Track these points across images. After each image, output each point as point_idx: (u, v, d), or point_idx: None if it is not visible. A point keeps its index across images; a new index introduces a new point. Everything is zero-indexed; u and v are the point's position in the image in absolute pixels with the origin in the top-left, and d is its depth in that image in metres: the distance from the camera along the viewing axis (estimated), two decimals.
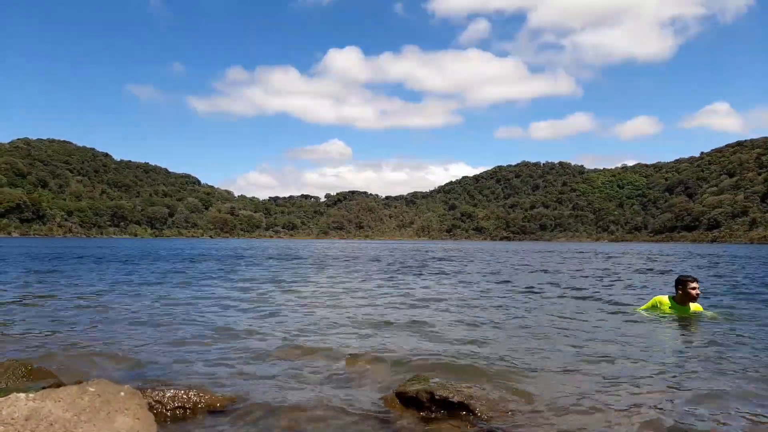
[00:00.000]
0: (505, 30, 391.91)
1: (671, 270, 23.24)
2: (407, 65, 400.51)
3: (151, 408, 4.03)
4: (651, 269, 24.19)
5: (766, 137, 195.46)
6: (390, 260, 32.09)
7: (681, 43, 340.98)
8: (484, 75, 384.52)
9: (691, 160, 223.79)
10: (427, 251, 54.12)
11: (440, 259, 33.90)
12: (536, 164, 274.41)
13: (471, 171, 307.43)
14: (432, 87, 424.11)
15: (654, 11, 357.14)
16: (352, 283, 16.25)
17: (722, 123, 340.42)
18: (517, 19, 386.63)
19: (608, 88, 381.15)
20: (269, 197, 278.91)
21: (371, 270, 22.90)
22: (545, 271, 22.55)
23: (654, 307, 9.39)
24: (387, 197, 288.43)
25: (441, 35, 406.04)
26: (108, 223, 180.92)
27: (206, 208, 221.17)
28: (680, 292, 9.04)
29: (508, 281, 17.37)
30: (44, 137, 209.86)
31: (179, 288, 14.16)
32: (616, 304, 11.26)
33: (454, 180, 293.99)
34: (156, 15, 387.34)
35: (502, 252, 54.82)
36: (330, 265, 26.15)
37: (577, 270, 23.59)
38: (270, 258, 33.87)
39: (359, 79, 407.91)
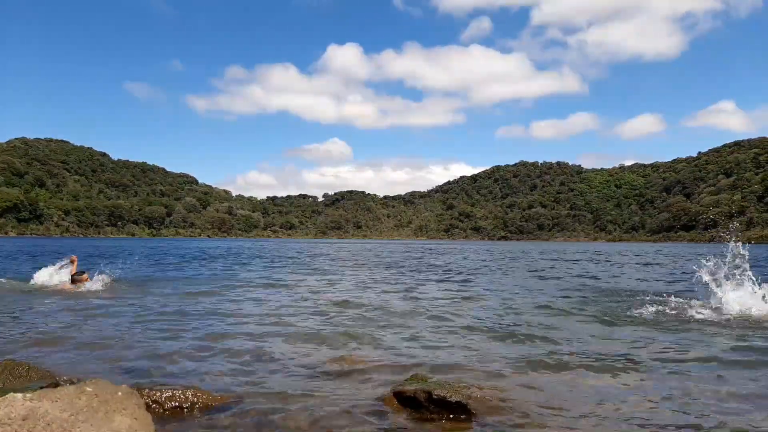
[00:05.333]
0: (509, 27, 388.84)
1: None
2: (409, 62, 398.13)
3: (148, 408, 4.03)
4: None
5: (763, 137, 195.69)
6: (386, 260, 32.11)
7: (691, 39, 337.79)
8: (488, 72, 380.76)
9: (688, 160, 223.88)
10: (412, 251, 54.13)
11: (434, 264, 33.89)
12: (534, 164, 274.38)
13: (473, 171, 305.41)
14: (434, 85, 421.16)
15: (666, 7, 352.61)
16: (349, 284, 16.26)
17: (727, 122, 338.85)
18: (521, 16, 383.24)
19: (614, 86, 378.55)
20: (267, 197, 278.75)
21: (372, 270, 22.91)
22: (541, 277, 22.56)
23: None
24: (385, 197, 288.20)
25: (443, 32, 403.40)
26: (105, 222, 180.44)
27: (204, 208, 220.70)
28: None
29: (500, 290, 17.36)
30: (42, 136, 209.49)
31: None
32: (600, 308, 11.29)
33: (452, 180, 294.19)
34: (155, 12, 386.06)
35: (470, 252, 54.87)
36: (332, 266, 26.15)
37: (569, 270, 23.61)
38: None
39: (360, 77, 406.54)
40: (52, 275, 13.78)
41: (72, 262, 14.03)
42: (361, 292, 13.63)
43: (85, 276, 13.27)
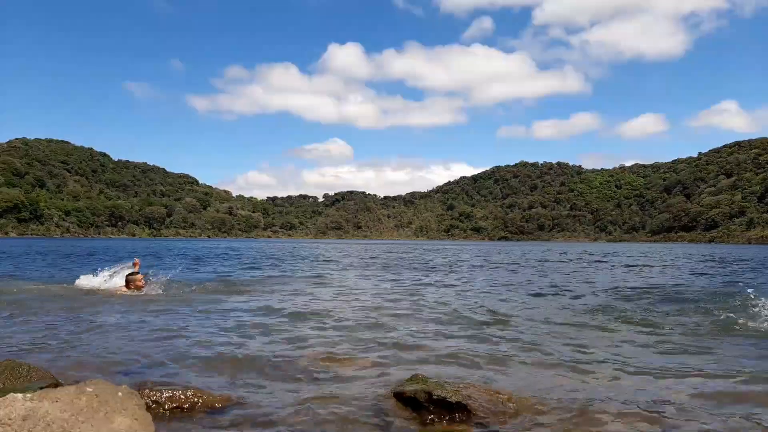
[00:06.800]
0: (511, 26, 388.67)
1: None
2: (410, 62, 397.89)
3: (148, 408, 4.03)
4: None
5: (764, 137, 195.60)
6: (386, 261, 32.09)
7: (695, 39, 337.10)
8: (490, 72, 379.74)
9: (689, 161, 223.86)
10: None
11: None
12: (534, 164, 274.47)
13: (473, 171, 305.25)
14: (435, 85, 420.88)
15: (670, 6, 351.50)
16: (348, 284, 16.27)
17: (730, 122, 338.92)
18: (523, 15, 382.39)
19: (617, 86, 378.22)
20: (267, 197, 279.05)
21: (372, 271, 22.91)
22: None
23: None
24: (385, 197, 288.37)
25: (444, 31, 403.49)
26: (106, 223, 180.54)
27: (204, 208, 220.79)
28: None
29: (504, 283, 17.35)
30: (42, 137, 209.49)
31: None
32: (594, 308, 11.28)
33: (452, 180, 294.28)
34: (155, 12, 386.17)
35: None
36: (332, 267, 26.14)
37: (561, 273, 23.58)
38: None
39: (360, 77, 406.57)
40: (106, 280, 13.09)
41: (135, 265, 13.22)
42: (361, 293, 13.64)
43: (139, 277, 12.57)
